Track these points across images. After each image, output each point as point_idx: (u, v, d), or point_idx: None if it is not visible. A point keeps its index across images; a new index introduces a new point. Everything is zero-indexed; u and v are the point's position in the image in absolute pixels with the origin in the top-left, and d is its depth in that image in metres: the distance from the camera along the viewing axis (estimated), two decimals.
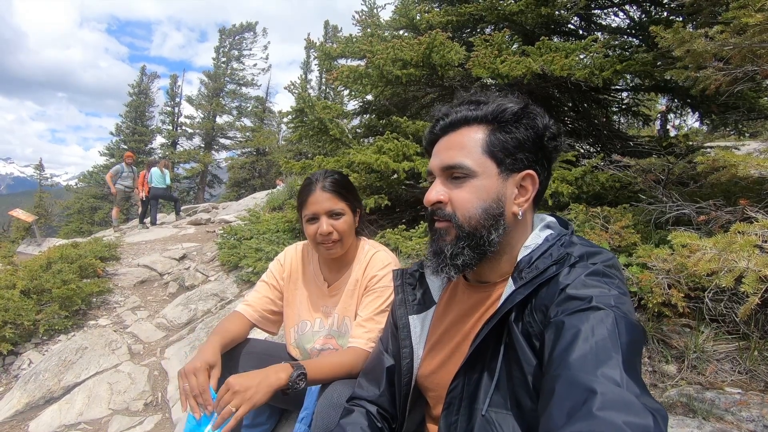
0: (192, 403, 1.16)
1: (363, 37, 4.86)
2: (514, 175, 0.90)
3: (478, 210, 0.88)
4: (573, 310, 0.74)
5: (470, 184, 0.89)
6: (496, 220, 0.88)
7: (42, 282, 4.27)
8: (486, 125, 0.91)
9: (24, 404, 2.90)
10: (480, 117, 0.91)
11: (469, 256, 0.89)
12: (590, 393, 0.61)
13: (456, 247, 0.89)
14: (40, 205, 19.56)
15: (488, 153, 0.89)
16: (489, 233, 0.88)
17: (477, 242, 0.89)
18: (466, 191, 0.89)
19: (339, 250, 1.50)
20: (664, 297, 1.80)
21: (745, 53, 2.02)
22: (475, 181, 0.89)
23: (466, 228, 0.89)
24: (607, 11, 4.80)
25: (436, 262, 0.92)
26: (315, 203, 1.46)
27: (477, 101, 0.92)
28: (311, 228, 1.47)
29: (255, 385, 1.11)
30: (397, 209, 4.51)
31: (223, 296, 4.41)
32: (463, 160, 0.89)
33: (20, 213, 10.06)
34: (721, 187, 2.45)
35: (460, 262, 0.90)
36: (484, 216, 0.88)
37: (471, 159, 0.89)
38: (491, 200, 0.88)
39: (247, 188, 24.90)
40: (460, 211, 0.89)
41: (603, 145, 4.58)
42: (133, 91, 29.20)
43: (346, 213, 1.48)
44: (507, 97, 0.93)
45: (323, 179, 1.48)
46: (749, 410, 1.46)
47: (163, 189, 10.09)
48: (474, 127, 0.91)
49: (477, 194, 0.88)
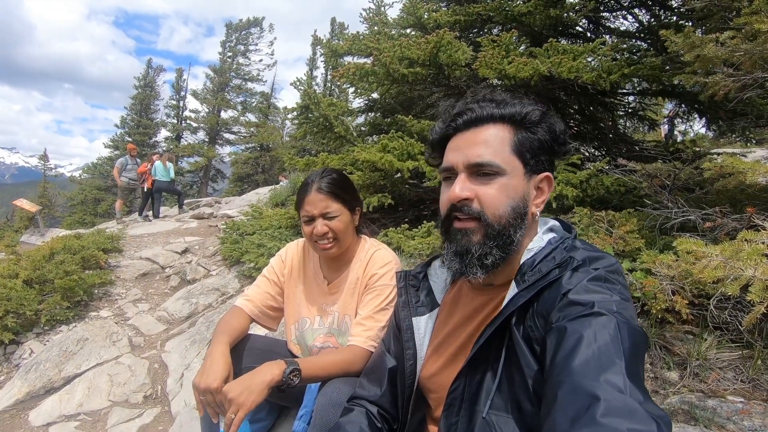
0: (210, 411, 1.21)
1: (370, 35, 4.85)
2: (535, 176, 0.91)
3: (508, 208, 0.87)
4: (575, 316, 0.73)
5: (499, 182, 0.87)
6: (522, 219, 0.88)
7: (44, 272, 4.29)
8: (511, 125, 0.90)
9: (24, 393, 2.92)
10: (506, 116, 0.90)
11: (497, 255, 0.88)
12: (593, 399, 0.61)
13: (485, 247, 0.87)
14: (44, 195, 19.66)
15: (516, 152, 0.89)
16: (515, 232, 0.88)
17: (505, 241, 0.87)
18: (496, 189, 0.87)
19: (336, 250, 1.50)
20: (668, 303, 1.79)
21: (756, 60, 2.00)
22: (504, 179, 0.87)
23: (496, 227, 0.87)
24: (615, 14, 4.77)
25: (462, 263, 0.90)
26: (310, 204, 1.46)
27: (499, 100, 0.92)
28: (308, 228, 1.48)
29: (246, 388, 1.15)
30: (400, 208, 4.50)
31: (225, 291, 4.42)
32: (493, 158, 0.87)
33: (24, 203, 10.10)
34: (727, 194, 2.43)
35: (489, 261, 0.88)
36: (513, 215, 0.87)
37: (501, 157, 0.88)
38: (519, 199, 0.88)
39: (250, 183, 24.95)
40: (489, 209, 0.87)
41: (608, 149, 4.56)
42: (138, 84, 29.30)
43: (342, 213, 1.48)
44: (524, 99, 0.93)
45: (319, 180, 1.48)
46: (751, 420, 1.45)
47: (166, 182, 10.09)
48: (500, 125, 0.90)
49: (507, 192, 0.87)
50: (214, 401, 1.21)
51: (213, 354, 1.31)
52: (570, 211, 2.96)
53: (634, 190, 3.07)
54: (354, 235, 1.58)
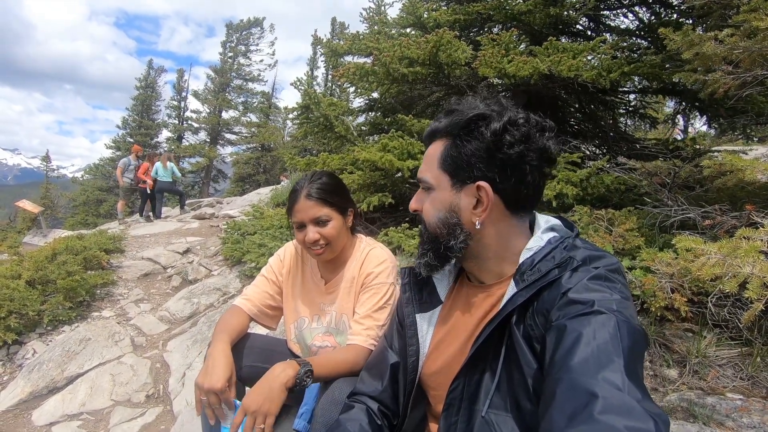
0: (209, 412, 1.21)
1: (370, 35, 4.86)
2: (468, 186, 0.90)
3: (434, 219, 0.95)
4: (575, 314, 0.74)
5: (431, 196, 0.96)
6: (453, 229, 0.93)
7: (47, 273, 4.30)
8: (446, 138, 0.94)
9: (27, 393, 2.93)
10: (441, 130, 0.95)
11: (431, 258, 0.98)
12: (591, 397, 0.62)
13: (423, 249, 0.99)
14: (47, 196, 19.71)
15: (442, 167, 0.93)
16: (447, 240, 0.94)
17: (437, 247, 0.96)
18: (428, 202, 0.97)
19: (328, 255, 1.49)
20: (667, 301, 1.79)
21: (755, 57, 2.00)
22: (434, 193, 0.95)
23: (429, 234, 0.97)
24: (616, 12, 4.77)
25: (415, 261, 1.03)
26: (300, 211, 1.44)
27: (449, 111, 0.95)
28: (299, 235, 1.47)
29: (267, 395, 1.14)
30: (400, 207, 4.50)
31: (226, 291, 4.43)
32: (424, 175, 0.97)
33: (27, 204, 10.13)
34: (727, 192, 2.43)
35: (423, 262, 0.99)
36: (440, 225, 0.94)
37: (430, 173, 0.95)
38: (445, 211, 0.93)
39: (251, 183, 24.98)
40: (425, 219, 0.97)
41: (609, 147, 4.55)
42: (140, 85, 29.33)
43: (333, 218, 1.46)
44: (482, 101, 0.93)
45: (308, 185, 1.46)
46: (750, 417, 1.45)
47: (168, 182, 10.10)
48: (438, 141, 0.96)
49: (434, 205, 0.95)
50: (217, 402, 1.20)
51: (214, 354, 1.31)
52: (570, 209, 2.96)
53: (635, 189, 3.07)
54: (349, 236, 1.56)
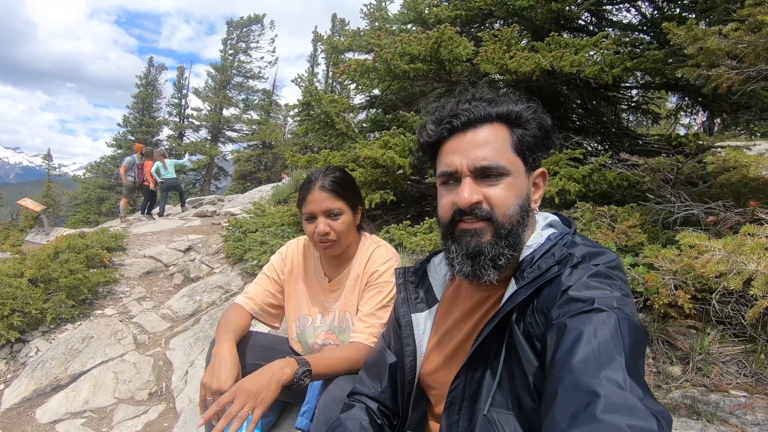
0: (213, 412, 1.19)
1: (371, 31, 4.83)
2: (532, 172, 0.92)
3: (516, 208, 0.87)
4: (575, 312, 0.73)
5: (506, 183, 0.86)
6: (525, 217, 0.89)
7: (49, 271, 4.31)
8: (506, 123, 0.89)
9: (31, 391, 2.95)
10: (502, 114, 0.89)
11: (509, 255, 0.87)
12: (593, 396, 0.61)
13: (497, 248, 0.86)
14: (49, 194, 19.73)
15: (517, 151, 0.89)
16: (523, 230, 0.89)
17: (515, 240, 0.87)
18: (503, 189, 0.86)
19: (336, 249, 1.49)
20: (671, 298, 1.78)
21: (760, 51, 1.98)
22: (510, 179, 0.87)
23: (507, 226, 0.86)
24: (618, 7, 4.73)
25: (474, 265, 0.88)
26: (313, 202, 1.45)
27: (490, 99, 0.91)
28: (309, 227, 1.47)
29: (264, 385, 1.12)
30: (402, 204, 4.50)
31: (228, 288, 4.44)
32: (498, 159, 0.86)
33: (29, 202, 10.14)
34: (731, 188, 2.41)
35: (503, 261, 0.87)
36: (521, 213, 0.87)
37: (505, 157, 0.87)
38: (524, 197, 0.89)
39: (252, 181, 24.97)
40: (500, 209, 0.86)
41: (611, 143, 4.53)
42: (140, 83, 29.30)
43: (344, 213, 1.47)
44: (510, 95, 0.93)
45: (323, 178, 1.47)
46: (754, 414, 1.44)
47: (174, 179, 10.15)
48: (496, 125, 0.89)
49: (514, 192, 0.87)
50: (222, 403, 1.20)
51: (221, 354, 1.30)
52: (572, 206, 2.95)
53: (637, 185, 3.05)
54: (355, 233, 1.57)
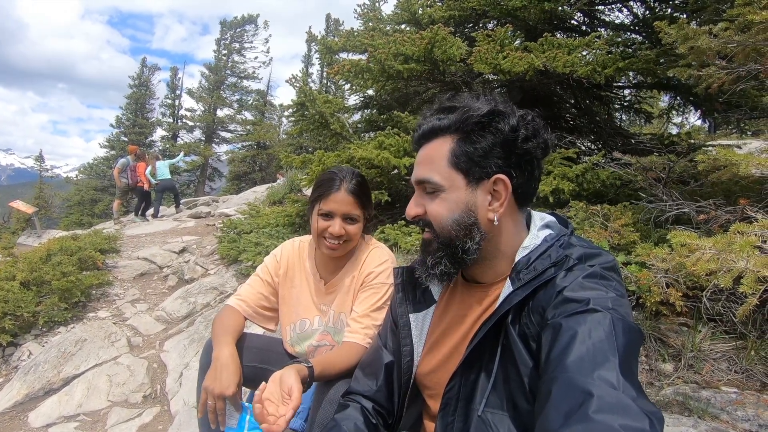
0: (212, 416, 1.19)
1: (364, 31, 4.84)
2: (484, 182, 0.88)
3: (449, 222, 0.89)
4: (570, 313, 0.73)
5: (440, 198, 0.90)
6: (469, 230, 0.89)
7: (42, 274, 4.27)
8: (453, 135, 0.90)
9: (24, 395, 2.92)
10: (446, 127, 0.90)
11: (446, 266, 0.91)
12: (587, 396, 0.61)
13: (435, 257, 0.92)
14: (41, 196, 19.54)
15: (453, 165, 0.89)
16: (464, 243, 0.89)
17: (453, 252, 0.90)
18: (437, 204, 0.91)
19: (341, 252, 1.48)
20: (663, 296, 1.80)
21: (749, 51, 2.01)
22: (444, 194, 0.90)
23: (442, 239, 0.91)
24: (611, 7, 4.77)
25: (421, 271, 0.97)
26: (335, 202, 1.42)
27: (447, 108, 0.91)
28: (323, 224, 1.44)
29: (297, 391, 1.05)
30: (397, 205, 4.50)
31: (223, 290, 4.42)
32: (430, 175, 0.90)
33: (20, 204, 10.02)
34: (721, 186, 2.44)
35: (438, 271, 0.92)
36: (456, 227, 0.89)
37: (438, 173, 0.89)
38: (461, 211, 0.89)
39: (247, 182, 24.88)
40: (435, 222, 0.91)
41: (604, 143, 4.56)
42: (133, 84, 29.07)
43: (360, 220, 1.47)
44: (479, 98, 0.91)
45: (350, 180, 1.44)
46: (745, 410, 1.46)
47: (170, 180, 10.12)
48: (441, 139, 0.91)
49: (447, 207, 0.90)
50: (223, 407, 1.19)
51: (222, 357, 1.28)
52: (566, 205, 2.97)
53: (630, 184, 3.08)
54: (359, 239, 1.57)
